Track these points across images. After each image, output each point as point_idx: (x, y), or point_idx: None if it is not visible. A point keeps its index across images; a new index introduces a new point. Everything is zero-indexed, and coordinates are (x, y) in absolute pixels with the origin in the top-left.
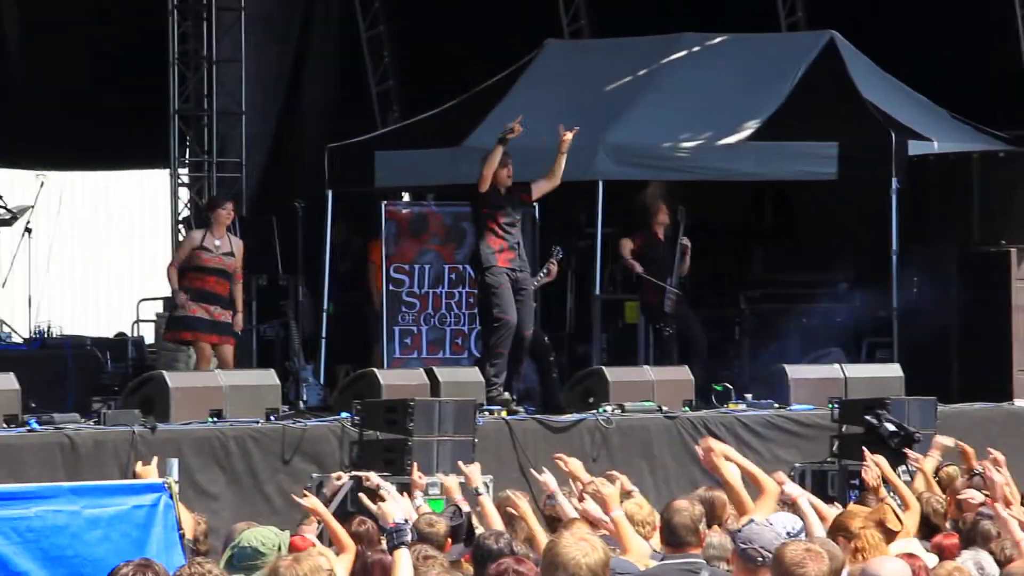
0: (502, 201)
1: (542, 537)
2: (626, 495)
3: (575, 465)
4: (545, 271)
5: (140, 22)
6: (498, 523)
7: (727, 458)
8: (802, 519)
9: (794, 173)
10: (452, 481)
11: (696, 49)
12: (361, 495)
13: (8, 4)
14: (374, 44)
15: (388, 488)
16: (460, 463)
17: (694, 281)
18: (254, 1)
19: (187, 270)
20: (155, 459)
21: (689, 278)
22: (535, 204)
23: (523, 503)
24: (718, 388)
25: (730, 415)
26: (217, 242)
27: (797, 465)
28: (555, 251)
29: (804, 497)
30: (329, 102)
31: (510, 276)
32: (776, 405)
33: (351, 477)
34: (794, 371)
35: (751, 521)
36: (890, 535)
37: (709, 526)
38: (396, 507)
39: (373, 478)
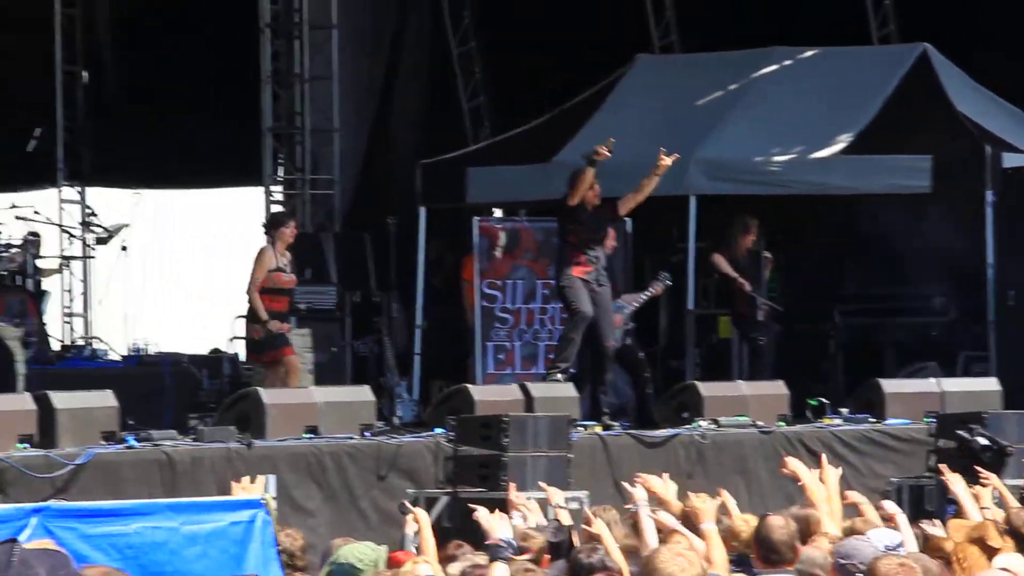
0: (588, 219)
1: (618, 556)
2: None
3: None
4: (650, 291)
5: (232, 40)
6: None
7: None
8: (900, 534)
9: (887, 186)
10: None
11: (788, 63)
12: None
13: (102, 26)
14: (465, 60)
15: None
16: (541, 483)
17: (788, 296)
18: (346, 18)
19: (266, 291)
20: (260, 478)
21: (783, 293)
22: (626, 219)
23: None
24: (813, 403)
25: (825, 430)
26: (284, 260)
27: (894, 480)
28: (662, 275)
29: (901, 515)
30: (420, 118)
31: (585, 284)
32: (872, 420)
33: (448, 494)
34: (890, 385)
35: (851, 536)
36: (991, 552)
37: (803, 542)
38: (502, 524)
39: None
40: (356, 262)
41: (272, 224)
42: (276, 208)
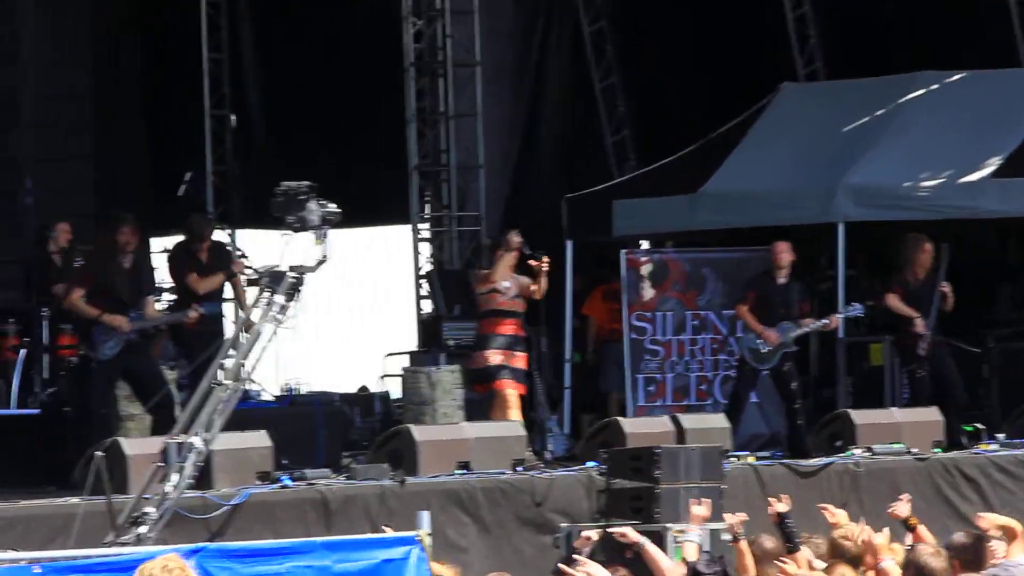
0: None
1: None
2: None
3: (841, 515)
4: (825, 322)
5: (377, 80)
6: (752, 569)
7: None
8: None
9: None
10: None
11: (934, 87)
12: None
13: (249, 70)
14: (608, 94)
15: (644, 542)
16: (725, 514)
17: (941, 321)
18: (489, 55)
19: (484, 314)
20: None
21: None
22: None
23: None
24: (968, 428)
25: (982, 456)
26: (506, 283)
27: None
28: (853, 307)
29: None
30: (565, 152)
31: None
32: None
33: (604, 532)
34: None
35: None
36: None
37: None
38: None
39: (630, 534)
40: None
41: (491, 247)
42: (424, 245)
